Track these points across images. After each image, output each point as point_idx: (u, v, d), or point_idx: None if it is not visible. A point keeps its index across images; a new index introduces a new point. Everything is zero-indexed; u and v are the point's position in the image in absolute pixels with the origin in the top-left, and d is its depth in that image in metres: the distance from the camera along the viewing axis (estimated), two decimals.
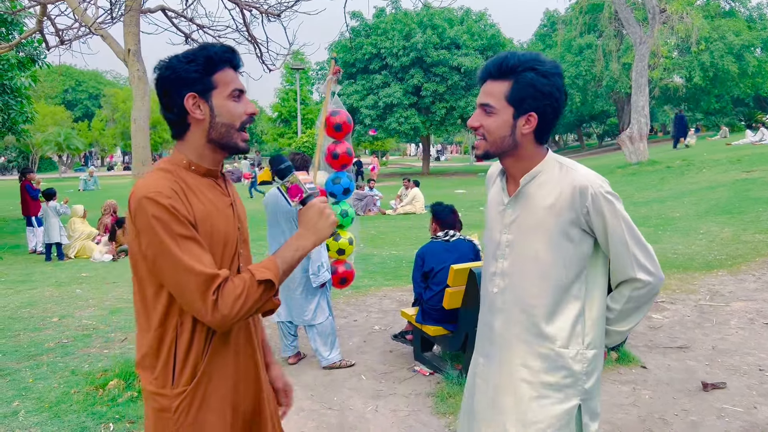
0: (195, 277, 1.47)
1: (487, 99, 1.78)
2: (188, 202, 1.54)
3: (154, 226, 1.48)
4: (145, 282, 1.58)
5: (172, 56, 1.63)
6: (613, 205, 1.75)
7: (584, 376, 1.80)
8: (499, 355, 1.89)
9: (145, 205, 1.48)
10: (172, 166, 1.62)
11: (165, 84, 1.61)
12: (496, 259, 1.90)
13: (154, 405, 1.59)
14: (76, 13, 4.47)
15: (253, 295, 1.52)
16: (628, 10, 20.85)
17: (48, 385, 4.50)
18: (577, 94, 37.93)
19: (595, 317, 1.83)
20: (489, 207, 1.98)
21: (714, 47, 32.38)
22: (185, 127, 1.63)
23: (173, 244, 1.47)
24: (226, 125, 1.61)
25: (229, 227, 1.64)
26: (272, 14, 4.88)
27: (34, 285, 8.60)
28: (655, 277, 1.81)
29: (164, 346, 1.57)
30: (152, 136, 36.71)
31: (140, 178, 1.61)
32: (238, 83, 1.64)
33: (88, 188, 30.01)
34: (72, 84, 62.91)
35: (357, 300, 6.81)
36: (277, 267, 1.58)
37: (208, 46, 1.62)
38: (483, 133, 1.80)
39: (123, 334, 5.86)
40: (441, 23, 32.06)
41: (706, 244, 8.67)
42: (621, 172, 19.19)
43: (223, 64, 1.61)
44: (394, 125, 31.72)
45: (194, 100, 1.59)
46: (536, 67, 1.75)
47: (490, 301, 1.92)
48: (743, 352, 4.69)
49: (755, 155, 17.03)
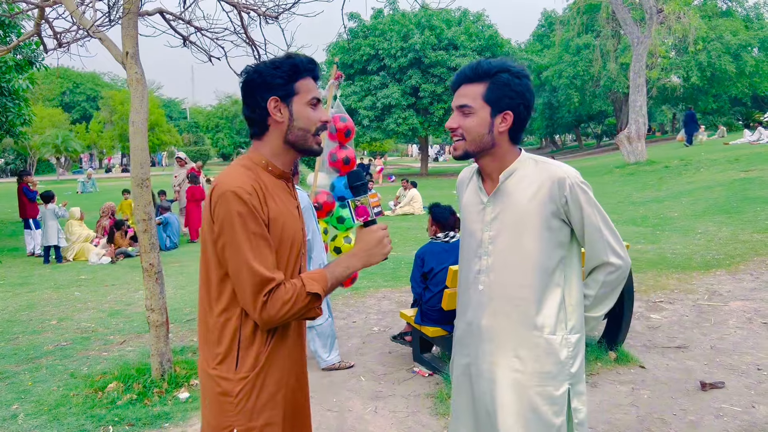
0: (252, 277, 1.57)
1: (464, 100, 1.89)
2: (264, 202, 1.63)
3: (233, 218, 1.57)
4: (212, 269, 1.66)
5: (260, 62, 1.76)
6: (588, 194, 1.89)
7: (570, 360, 1.90)
8: (489, 351, 1.94)
9: (228, 198, 1.58)
10: (253, 165, 1.72)
11: (251, 86, 1.71)
12: (480, 257, 1.97)
13: (216, 389, 1.66)
14: (74, 16, 4.46)
15: (300, 303, 1.61)
16: (625, 11, 20.88)
17: (47, 388, 4.50)
18: (575, 94, 37.96)
19: (575, 303, 1.93)
20: (465, 209, 2.06)
21: (711, 47, 32.43)
22: (265, 128, 1.74)
23: (245, 239, 1.58)
24: (302, 129, 1.73)
25: (296, 228, 1.75)
26: (270, 16, 4.88)
27: (32, 288, 8.59)
28: (625, 261, 1.95)
29: (228, 331, 1.65)
30: (150, 138, 36.54)
31: (224, 171, 1.71)
32: (316, 92, 1.75)
33: (86, 190, 30.01)
34: (70, 86, 62.80)
35: (356, 301, 6.82)
36: (327, 281, 1.68)
37: (294, 56, 1.73)
38: (462, 134, 1.89)
39: (122, 336, 5.86)
40: (439, 24, 32.06)
41: (704, 244, 8.69)
42: (619, 172, 19.22)
43: (306, 73, 1.72)
44: (392, 126, 31.71)
45: (276, 104, 1.70)
46: (509, 68, 1.88)
47: (476, 300, 1.98)
48: (741, 351, 4.70)
49: (753, 155, 17.05)
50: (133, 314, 6.75)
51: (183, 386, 4.32)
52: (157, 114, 51.00)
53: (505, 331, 1.91)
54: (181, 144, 57.32)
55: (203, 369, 1.71)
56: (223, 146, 59.57)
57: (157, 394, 4.20)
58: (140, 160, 4.23)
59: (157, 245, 4.33)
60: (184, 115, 74.69)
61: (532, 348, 1.88)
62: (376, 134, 32.66)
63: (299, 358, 1.81)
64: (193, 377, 4.44)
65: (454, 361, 2.12)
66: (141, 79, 4.21)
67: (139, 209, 4.26)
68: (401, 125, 31.74)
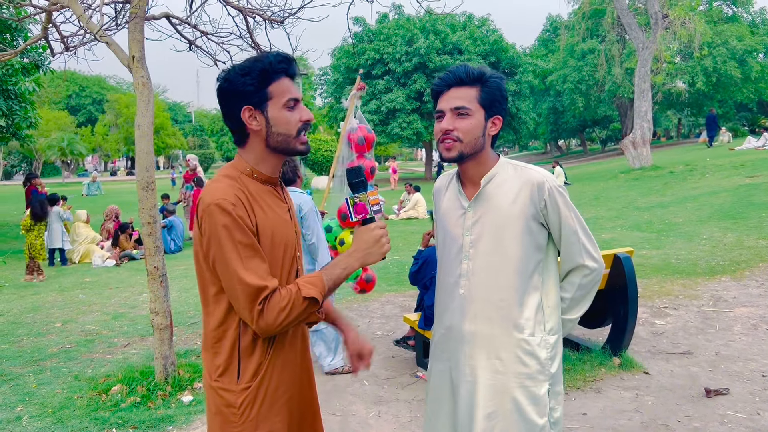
0: (245, 288, 1.54)
1: (461, 102, 1.90)
2: (251, 210, 1.60)
3: (219, 231, 1.55)
4: (207, 283, 1.65)
5: (231, 68, 1.68)
6: (565, 197, 1.94)
7: (549, 361, 1.93)
8: (470, 354, 1.96)
9: (213, 211, 1.55)
10: (237, 173, 1.68)
11: (223, 96, 1.66)
12: (461, 262, 1.98)
13: (219, 401, 1.65)
14: (81, 20, 4.49)
15: (297, 308, 1.58)
16: (630, 16, 20.87)
17: (51, 391, 4.51)
18: (580, 99, 37.96)
19: (552, 305, 1.97)
20: (445, 215, 2.07)
21: (717, 52, 32.40)
22: (245, 136, 1.69)
23: (233, 251, 1.55)
24: (282, 134, 1.66)
25: (288, 233, 1.72)
26: (276, 21, 4.90)
27: (37, 290, 8.62)
28: (600, 264, 2.00)
29: (227, 342, 1.64)
30: (155, 141, 36.66)
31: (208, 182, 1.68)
32: (293, 92, 1.67)
33: (91, 193, 30.12)
34: (76, 89, 63.16)
35: (360, 305, 6.82)
36: (324, 284, 1.64)
37: (263, 57, 1.65)
38: (458, 136, 1.90)
39: (126, 339, 5.87)
40: (444, 29, 32.13)
41: (709, 250, 8.66)
42: (624, 177, 19.17)
43: (278, 74, 1.65)
44: (396, 130, 31.77)
45: (250, 113, 1.64)
46: (499, 75, 1.96)
47: (456, 304, 2.00)
48: (746, 358, 4.68)
49: (759, 160, 17.00)
50: (137, 317, 6.77)
51: (186, 389, 4.33)
52: (162, 117, 51.23)
53: (486, 333, 1.93)
54: (186, 147, 57.53)
55: (206, 381, 1.71)
56: (227, 150, 59.74)
57: (161, 397, 4.21)
58: (146, 164, 4.25)
59: (161, 248, 4.35)
60: (189, 119, 74.98)
61: (513, 349, 1.91)
62: (381, 138, 32.73)
63: (303, 363, 1.79)
64: (196, 380, 4.44)
65: (433, 367, 2.12)
66: (147, 83, 4.23)
67: (144, 212, 4.28)
68: (406, 129, 31.80)
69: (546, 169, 2.10)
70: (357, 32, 32.77)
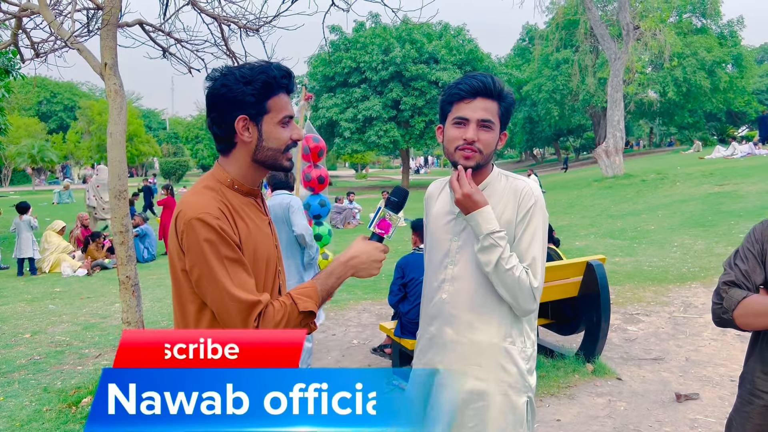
0: (237, 304, 1.48)
1: (488, 115, 1.93)
2: (234, 223, 1.55)
3: (203, 247, 1.48)
4: (187, 300, 1.57)
5: (229, 72, 1.59)
6: (545, 213, 1.98)
7: (527, 373, 1.95)
8: (453, 360, 1.97)
9: (195, 226, 1.48)
10: (217, 184, 1.61)
11: (217, 100, 1.58)
12: (446, 267, 2.00)
13: None
14: (52, 26, 4.43)
15: (293, 322, 1.54)
16: (603, 27, 21.26)
17: (19, 403, 4.41)
18: (555, 109, 38.42)
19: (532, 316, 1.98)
20: (435, 220, 2.09)
21: (687, 63, 33.12)
22: (232, 145, 1.62)
23: (220, 267, 1.48)
24: (272, 149, 1.62)
25: (269, 246, 1.67)
26: (251, 29, 4.89)
27: (5, 300, 8.43)
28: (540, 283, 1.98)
29: None
30: (128, 149, 36.09)
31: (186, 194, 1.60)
32: (289, 109, 1.64)
33: (62, 201, 29.54)
34: (47, 95, 62.02)
35: (336, 314, 6.79)
36: (318, 296, 1.60)
37: (267, 69, 1.58)
38: (479, 148, 1.91)
39: (97, 350, 5.77)
40: (420, 38, 32.30)
41: (680, 257, 8.82)
42: (597, 186, 19.46)
43: (280, 89, 1.60)
44: (373, 138, 31.80)
45: (245, 123, 1.58)
46: (511, 91, 1.99)
47: (438, 309, 2.01)
48: (716, 363, 4.77)
49: (727, 169, 17.40)
50: (109, 327, 6.65)
51: None
52: (135, 124, 50.54)
53: (468, 339, 1.94)
54: (160, 155, 56.88)
55: None
56: (202, 157, 59.18)
57: None
58: (118, 172, 4.20)
59: (134, 257, 4.29)
60: (164, 126, 74.14)
61: (493, 357, 1.92)
62: (357, 146, 32.73)
63: None
64: None
65: (415, 372, 2.12)
66: (120, 91, 4.19)
67: (117, 221, 4.22)
68: (382, 137, 31.84)
69: None
70: (333, 41, 32.79)
